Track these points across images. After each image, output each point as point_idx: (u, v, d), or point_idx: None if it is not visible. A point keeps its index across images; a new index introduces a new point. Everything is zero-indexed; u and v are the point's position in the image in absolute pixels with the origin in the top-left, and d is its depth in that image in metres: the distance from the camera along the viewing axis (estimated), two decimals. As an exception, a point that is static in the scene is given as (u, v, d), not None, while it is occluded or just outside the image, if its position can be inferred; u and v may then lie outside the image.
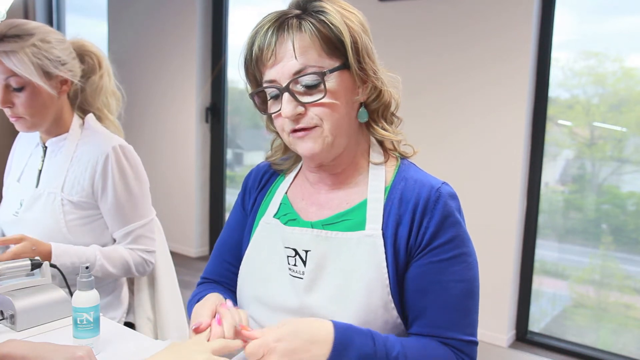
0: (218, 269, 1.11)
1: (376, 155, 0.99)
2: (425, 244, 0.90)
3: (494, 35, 2.72)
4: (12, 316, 1.10)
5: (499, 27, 2.71)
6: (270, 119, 1.03)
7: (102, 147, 1.39)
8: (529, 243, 2.82)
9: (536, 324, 2.95)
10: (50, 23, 4.88)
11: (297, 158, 1.07)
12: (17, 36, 1.29)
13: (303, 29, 0.88)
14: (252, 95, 0.96)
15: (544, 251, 2.94)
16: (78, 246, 1.37)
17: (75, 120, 1.46)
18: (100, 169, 1.38)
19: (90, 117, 1.48)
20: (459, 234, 0.90)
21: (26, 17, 4.52)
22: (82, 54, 1.46)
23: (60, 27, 4.99)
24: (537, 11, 2.64)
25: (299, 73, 0.88)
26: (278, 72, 0.89)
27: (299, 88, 0.89)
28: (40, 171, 1.46)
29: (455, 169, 2.88)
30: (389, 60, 0.98)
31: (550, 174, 2.90)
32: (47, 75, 1.34)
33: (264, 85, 0.92)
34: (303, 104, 0.89)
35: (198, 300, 0.98)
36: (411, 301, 0.91)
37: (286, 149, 1.07)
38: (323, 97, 0.88)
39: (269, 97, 0.94)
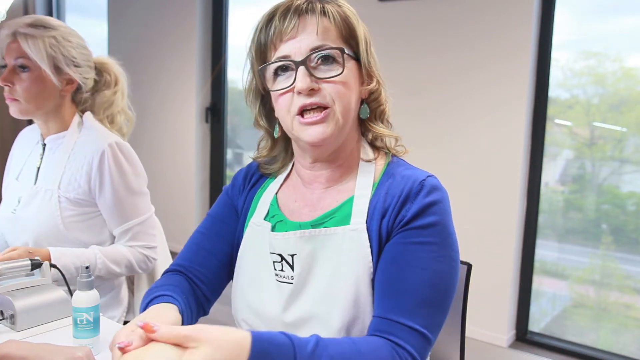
0: (194, 256, 1.04)
1: (366, 152, 0.99)
2: (400, 226, 0.88)
3: (494, 35, 2.72)
4: (12, 316, 1.10)
5: (499, 27, 2.71)
6: (260, 114, 1.01)
7: (98, 144, 1.39)
8: (529, 243, 2.82)
9: (536, 324, 2.95)
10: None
11: (285, 160, 1.06)
12: (42, 26, 1.36)
13: (327, 13, 0.91)
14: (260, 72, 0.94)
15: (544, 251, 2.94)
16: (76, 248, 1.37)
17: (75, 118, 1.47)
18: (96, 165, 1.38)
19: (88, 115, 1.48)
20: (437, 223, 0.88)
21: (26, 17, 4.51)
22: (102, 70, 1.50)
23: (60, 27, 4.98)
24: (537, 11, 2.64)
25: (317, 49, 0.89)
26: (294, 47, 0.90)
27: (313, 65, 0.90)
28: (39, 168, 1.46)
29: (456, 168, 2.88)
30: (389, 60, 0.99)
31: (550, 174, 2.90)
32: (57, 69, 1.38)
33: (276, 59, 0.91)
34: (317, 80, 0.89)
35: (158, 296, 0.92)
36: (375, 281, 0.89)
37: (271, 149, 1.05)
38: (341, 73, 0.89)
39: (270, 75, 0.93)
